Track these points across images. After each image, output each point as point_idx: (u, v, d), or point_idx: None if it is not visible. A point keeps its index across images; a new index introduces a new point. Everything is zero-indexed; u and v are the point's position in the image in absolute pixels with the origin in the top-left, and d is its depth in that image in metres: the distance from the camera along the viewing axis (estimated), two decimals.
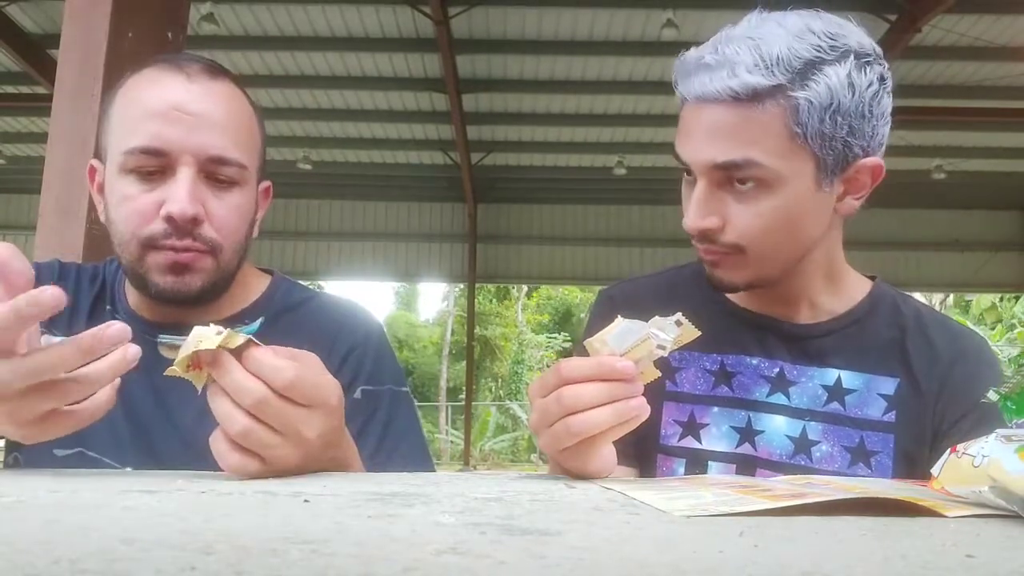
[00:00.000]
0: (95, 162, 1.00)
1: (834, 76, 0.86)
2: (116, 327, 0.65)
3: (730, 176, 0.90)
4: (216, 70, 0.97)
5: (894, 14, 7.21)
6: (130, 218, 0.91)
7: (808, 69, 0.86)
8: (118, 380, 0.70)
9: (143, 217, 0.91)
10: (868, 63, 0.89)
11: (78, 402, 0.69)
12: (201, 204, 0.91)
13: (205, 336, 0.66)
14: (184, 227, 0.90)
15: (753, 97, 0.86)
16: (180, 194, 0.89)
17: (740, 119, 0.87)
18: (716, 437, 1.01)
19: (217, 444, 0.67)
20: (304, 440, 0.68)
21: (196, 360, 0.67)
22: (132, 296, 1.02)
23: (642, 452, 1.02)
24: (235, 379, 0.66)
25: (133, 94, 0.94)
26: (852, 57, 0.88)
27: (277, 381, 0.66)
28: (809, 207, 0.92)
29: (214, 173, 0.93)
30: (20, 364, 0.64)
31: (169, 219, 0.90)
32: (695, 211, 0.92)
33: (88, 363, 0.66)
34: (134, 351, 0.67)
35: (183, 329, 0.98)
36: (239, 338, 0.66)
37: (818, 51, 0.86)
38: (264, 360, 0.66)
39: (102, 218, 0.98)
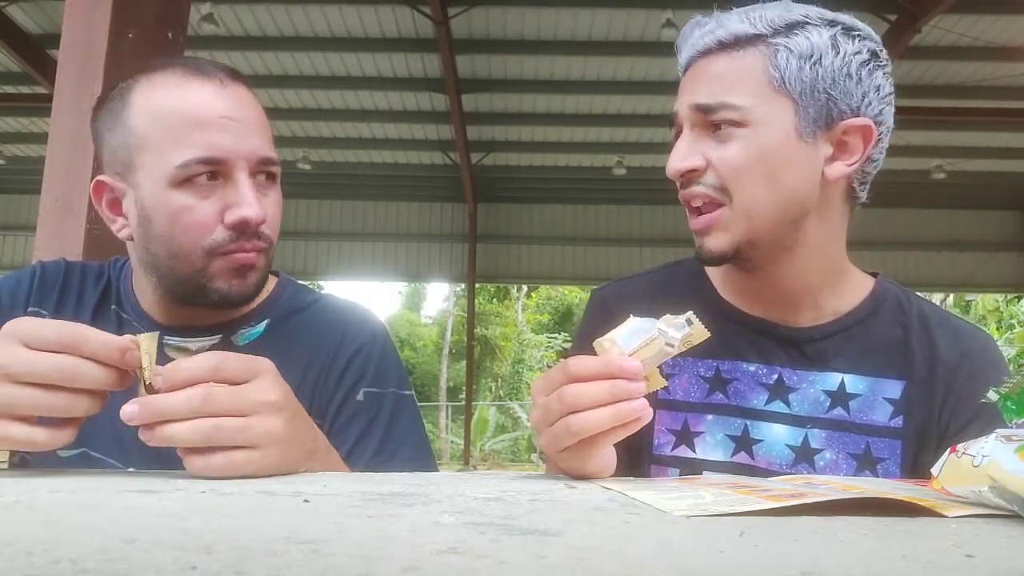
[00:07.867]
0: (105, 178, 0.96)
1: (816, 35, 0.91)
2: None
3: (709, 120, 0.93)
4: (236, 73, 0.98)
5: (894, 14, 7.21)
6: (191, 230, 0.91)
7: (792, 27, 0.92)
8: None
9: (206, 227, 0.91)
10: (858, 37, 0.93)
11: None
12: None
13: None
14: (253, 230, 0.92)
15: (734, 43, 0.93)
16: (249, 198, 0.91)
17: (722, 65, 0.93)
18: (711, 446, 0.98)
19: (195, 461, 0.67)
20: (275, 405, 0.70)
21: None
22: (144, 298, 1.01)
23: (635, 462, 0.99)
24: (171, 399, 0.67)
25: (163, 105, 0.91)
26: (840, 27, 0.93)
27: (201, 371, 0.68)
28: (791, 157, 0.92)
29: (260, 174, 0.95)
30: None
31: (241, 224, 0.91)
32: (678, 153, 0.95)
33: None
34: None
35: (192, 331, 0.99)
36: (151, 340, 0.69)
37: (806, 17, 0.93)
38: (178, 365, 0.68)
39: (121, 235, 0.96)
